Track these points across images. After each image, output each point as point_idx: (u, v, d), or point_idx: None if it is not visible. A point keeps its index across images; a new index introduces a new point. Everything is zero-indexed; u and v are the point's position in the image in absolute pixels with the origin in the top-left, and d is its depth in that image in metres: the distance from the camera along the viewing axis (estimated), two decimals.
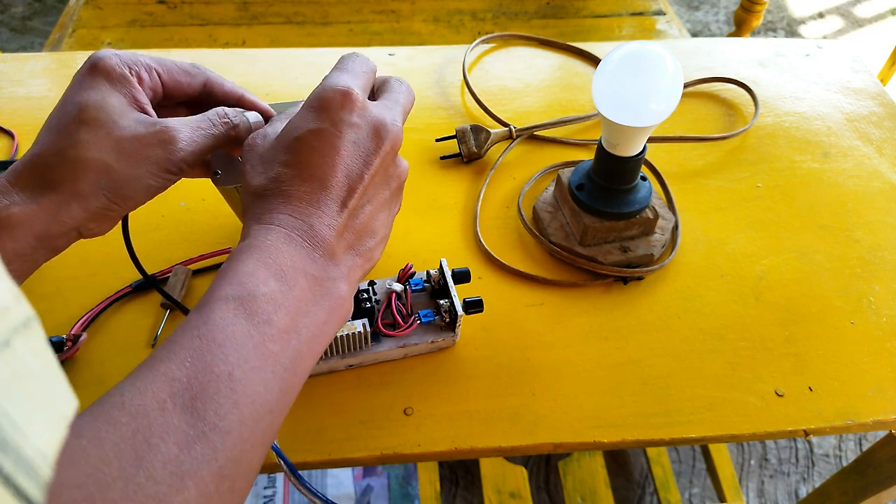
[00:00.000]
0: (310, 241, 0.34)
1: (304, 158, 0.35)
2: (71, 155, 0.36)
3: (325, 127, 0.35)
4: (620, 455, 1.21)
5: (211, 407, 0.27)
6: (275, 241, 0.33)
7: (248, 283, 0.31)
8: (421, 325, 0.48)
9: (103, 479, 0.24)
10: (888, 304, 0.55)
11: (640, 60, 0.50)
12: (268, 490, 1.04)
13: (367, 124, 0.36)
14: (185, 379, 0.27)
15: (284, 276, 0.32)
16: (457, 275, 0.49)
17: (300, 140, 0.35)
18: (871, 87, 0.75)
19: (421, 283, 0.50)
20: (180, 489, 0.25)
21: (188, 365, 0.28)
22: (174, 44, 1.23)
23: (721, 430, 0.47)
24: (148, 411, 0.26)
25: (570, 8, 1.35)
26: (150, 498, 0.24)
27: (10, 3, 2.15)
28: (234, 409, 0.28)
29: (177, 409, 0.26)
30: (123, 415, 0.26)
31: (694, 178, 0.64)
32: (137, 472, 0.24)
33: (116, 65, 0.39)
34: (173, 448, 0.25)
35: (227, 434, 0.27)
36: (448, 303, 0.48)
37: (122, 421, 0.25)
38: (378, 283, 0.50)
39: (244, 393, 0.28)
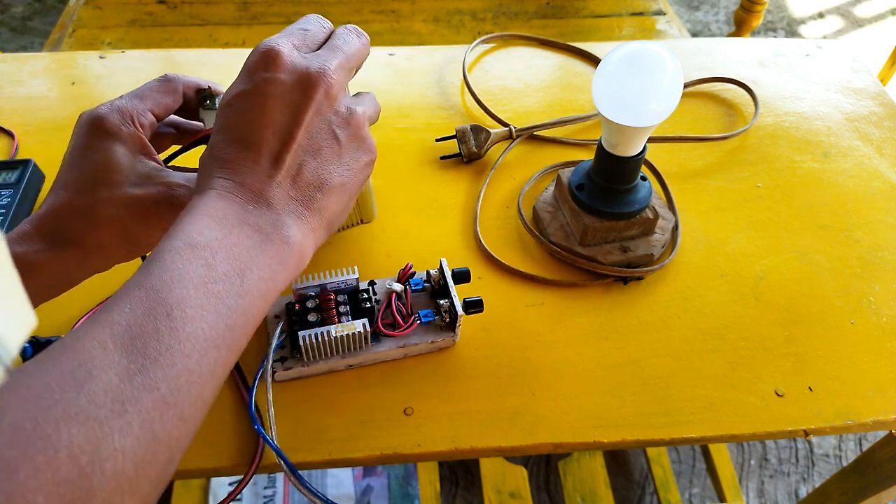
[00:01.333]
0: (242, 195, 0.34)
1: (231, 122, 0.36)
2: (92, 212, 0.38)
3: (247, 88, 0.36)
4: (620, 455, 1.21)
5: (151, 344, 0.28)
6: (208, 201, 0.34)
7: (185, 236, 0.32)
8: (421, 325, 0.48)
9: (45, 402, 0.24)
10: (888, 304, 0.55)
11: (640, 60, 0.50)
12: (268, 490, 1.04)
13: (293, 78, 0.36)
14: (125, 323, 0.28)
15: (221, 227, 0.33)
16: (457, 275, 0.49)
17: (228, 106, 0.36)
18: (871, 87, 0.75)
19: (421, 283, 0.50)
20: (121, 413, 0.26)
21: (128, 311, 0.28)
22: (174, 44, 1.23)
23: (721, 430, 0.47)
24: (88, 349, 0.27)
25: (570, 8, 1.35)
26: (92, 419, 0.25)
27: (10, 3, 2.15)
28: (176, 344, 0.28)
29: (117, 347, 0.27)
30: (64, 353, 0.26)
31: (694, 178, 0.64)
32: (79, 396, 0.25)
33: (119, 123, 0.41)
34: (114, 378, 0.26)
35: (170, 367, 0.28)
36: (448, 303, 0.48)
37: (62, 358, 0.26)
38: (378, 282, 0.50)
39: (185, 330, 0.29)
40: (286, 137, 0.35)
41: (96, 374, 0.26)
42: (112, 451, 0.25)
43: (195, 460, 0.45)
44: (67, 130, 0.66)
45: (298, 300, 0.48)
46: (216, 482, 1.02)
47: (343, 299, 0.48)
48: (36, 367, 0.26)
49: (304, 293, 0.48)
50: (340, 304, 0.48)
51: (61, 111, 0.68)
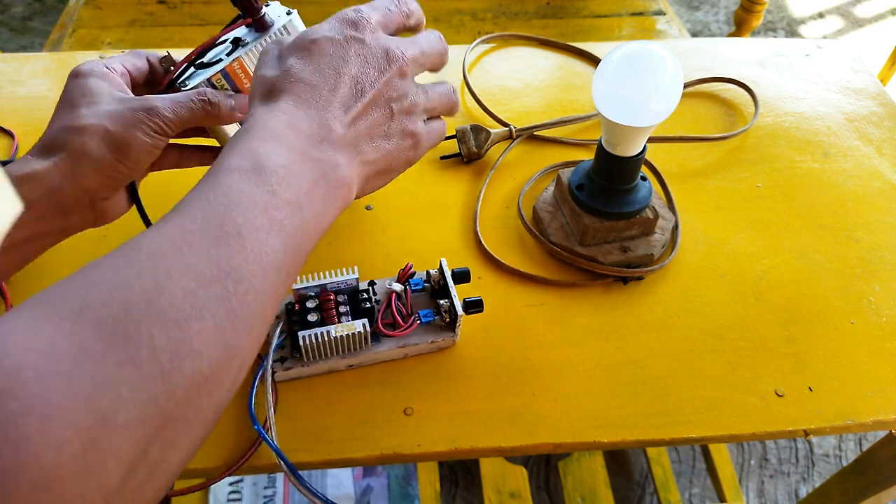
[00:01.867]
0: (309, 127, 0.36)
1: (316, 58, 0.38)
2: (74, 125, 0.42)
3: (336, 37, 0.39)
4: (620, 455, 1.21)
5: (224, 255, 0.29)
6: (278, 123, 0.36)
7: (253, 157, 0.34)
8: (421, 325, 0.48)
9: (127, 300, 0.25)
10: (888, 304, 0.55)
11: (640, 60, 0.50)
12: (268, 490, 1.04)
13: (376, 47, 0.39)
14: (197, 231, 0.29)
15: (288, 154, 0.35)
16: (457, 275, 0.49)
17: (315, 42, 0.39)
18: (871, 87, 0.75)
19: (421, 284, 0.50)
20: (199, 318, 0.27)
21: (200, 221, 0.30)
22: (174, 44, 1.23)
23: (721, 430, 0.47)
24: (167, 252, 0.28)
25: (570, 8, 1.35)
26: (172, 322, 0.26)
27: (10, 3, 2.15)
28: (245, 262, 0.30)
29: (193, 252, 0.28)
30: (142, 254, 0.28)
31: (694, 178, 0.64)
32: (159, 297, 0.26)
33: (93, 66, 0.46)
34: (192, 283, 0.27)
35: (239, 282, 0.29)
36: (448, 303, 0.48)
37: (140, 258, 0.28)
38: (378, 283, 0.50)
39: (252, 250, 0.30)
40: (359, 92, 0.38)
41: (175, 276, 0.27)
42: (190, 351, 0.26)
43: (195, 460, 0.45)
44: None
45: (298, 300, 0.48)
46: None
47: (343, 299, 0.48)
48: (112, 264, 0.27)
49: (303, 293, 0.48)
50: (340, 304, 0.48)
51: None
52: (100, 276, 0.27)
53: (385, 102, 0.39)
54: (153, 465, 0.25)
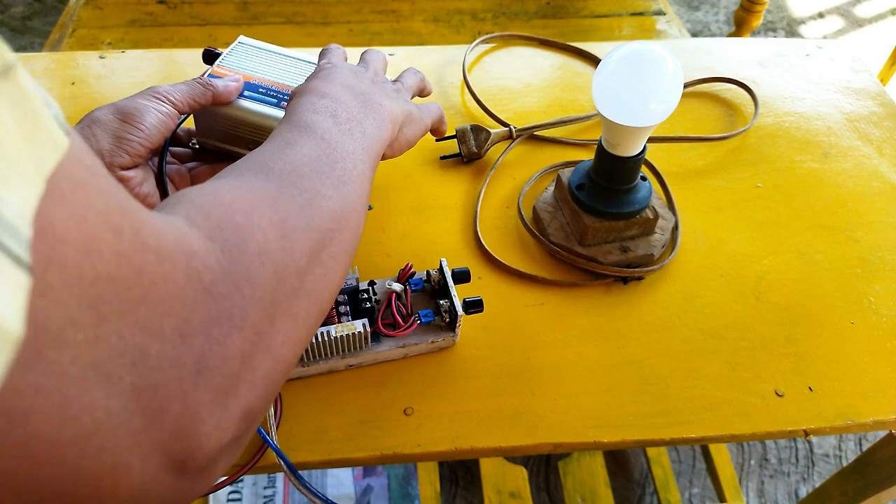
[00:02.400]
0: (344, 78, 0.47)
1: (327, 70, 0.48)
2: (88, 119, 0.48)
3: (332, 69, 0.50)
4: (620, 455, 1.21)
5: (320, 145, 0.39)
6: (311, 82, 0.46)
7: (311, 90, 0.45)
8: (421, 325, 0.48)
9: (284, 166, 0.36)
10: (888, 304, 0.55)
11: (640, 60, 0.50)
12: (268, 490, 1.04)
13: (368, 71, 0.51)
14: (299, 135, 0.40)
15: (331, 87, 0.45)
16: (457, 275, 0.49)
17: (321, 68, 0.50)
18: (871, 87, 0.75)
19: (421, 284, 0.50)
20: (327, 173, 0.37)
21: (296, 131, 0.40)
22: (174, 44, 1.23)
23: (721, 430, 0.47)
24: (287, 136, 0.40)
25: (570, 8, 1.34)
26: (310, 171, 0.37)
27: (10, 3, 2.15)
28: (334, 151, 0.39)
29: (306, 145, 0.39)
30: (281, 143, 0.39)
31: (694, 178, 0.64)
32: (297, 155, 0.38)
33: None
34: (315, 151, 0.39)
35: (339, 161, 0.39)
36: (448, 303, 0.48)
37: (281, 146, 0.39)
38: (378, 283, 0.50)
39: (338, 143, 0.40)
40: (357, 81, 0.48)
41: (304, 144, 0.39)
42: (324, 195, 0.36)
43: None
44: None
45: None
46: None
47: (343, 299, 0.48)
48: (270, 151, 0.38)
49: None
50: (340, 304, 0.48)
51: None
52: (265, 156, 0.37)
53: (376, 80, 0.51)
54: (324, 268, 0.34)
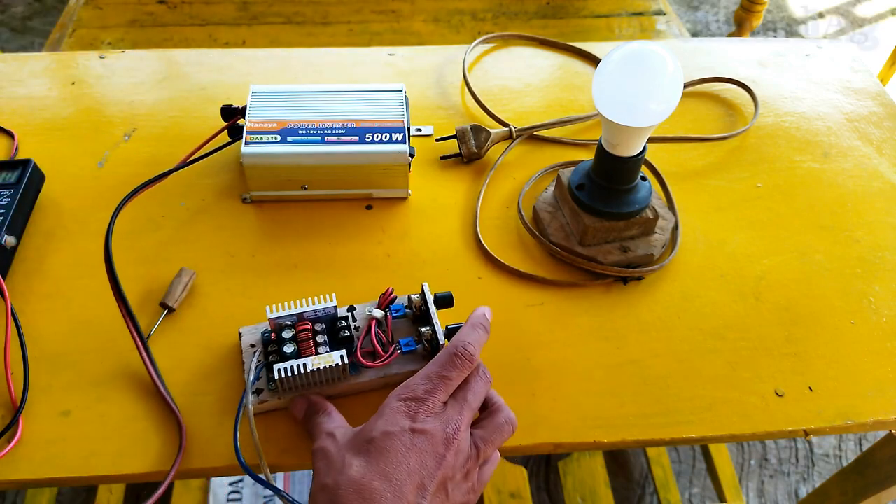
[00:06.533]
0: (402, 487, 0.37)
1: (375, 458, 0.39)
2: None
3: (394, 431, 0.39)
4: (620, 455, 1.21)
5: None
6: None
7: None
8: (402, 354, 0.46)
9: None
10: (888, 304, 0.54)
11: (640, 60, 0.50)
12: (268, 490, 1.04)
13: (435, 432, 0.40)
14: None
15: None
16: (439, 300, 0.48)
17: (373, 442, 0.39)
18: (871, 87, 0.75)
19: (402, 310, 0.48)
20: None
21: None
22: (174, 44, 1.23)
23: (721, 430, 0.47)
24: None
25: (570, 8, 1.34)
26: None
27: (10, 3, 2.15)
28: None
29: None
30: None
31: (694, 178, 0.64)
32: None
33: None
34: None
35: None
36: (430, 330, 0.46)
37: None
38: (358, 308, 0.49)
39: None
40: (422, 490, 0.39)
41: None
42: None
43: (196, 460, 0.45)
44: (67, 130, 0.66)
45: (275, 330, 0.46)
46: (216, 482, 1.02)
47: (321, 328, 0.46)
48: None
49: (280, 323, 0.46)
50: (318, 333, 0.46)
51: (61, 111, 0.68)
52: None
53: (442, 488, 0.40)
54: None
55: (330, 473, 0.39)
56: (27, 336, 0.50)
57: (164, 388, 0.47)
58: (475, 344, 0.43)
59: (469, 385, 0.43)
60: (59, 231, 0.57)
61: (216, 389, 0.48)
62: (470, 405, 0.42)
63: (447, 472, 0.40)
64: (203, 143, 0.60)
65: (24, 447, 0.44)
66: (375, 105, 0.60)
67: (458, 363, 0.42)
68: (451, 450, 0.40)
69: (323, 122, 0.59)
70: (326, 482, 0.39)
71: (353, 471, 0.38)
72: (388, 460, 0.38)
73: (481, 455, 0.42)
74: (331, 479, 0.39)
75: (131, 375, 0.48)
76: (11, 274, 0.54)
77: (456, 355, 0.42)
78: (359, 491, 0.37)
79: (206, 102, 0.70)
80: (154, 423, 0.46)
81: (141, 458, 0.45)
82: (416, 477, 0.38)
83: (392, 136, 0.58)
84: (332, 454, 0.41)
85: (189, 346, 0.50)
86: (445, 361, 0.42)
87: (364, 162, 0.57)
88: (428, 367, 0.42)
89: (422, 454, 0.39)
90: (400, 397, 0.41)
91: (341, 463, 0.39)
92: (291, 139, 0.57)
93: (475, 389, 0.43)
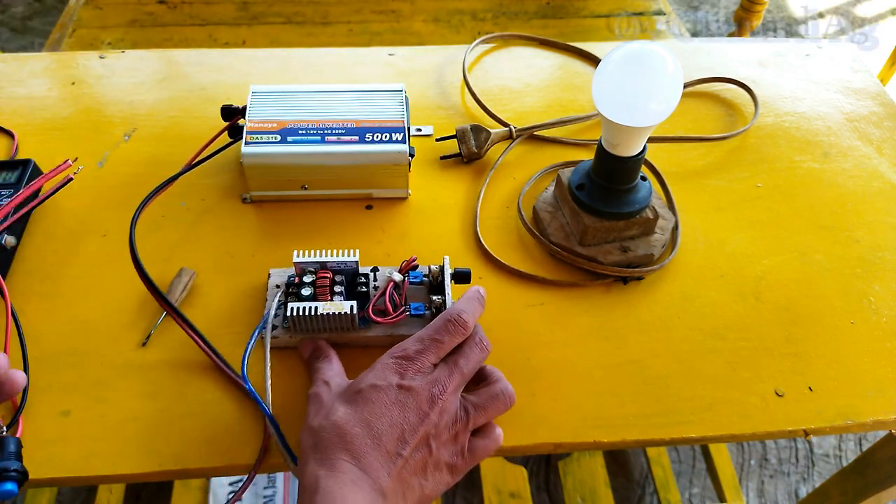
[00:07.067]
0: (368, 486, 0.39)
1: (361, 407, 0.41)
2: None
3: (381, 384, 0.42)
4: (620, 455, 1.21)
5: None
6: (346, 492, 0.38)
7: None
8: (410, 316, 0.49)
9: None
10: (888, 304, 0.54)
11: (640, 60, 0.50)
12: (268, 490, 1.04)
13: (417, 393, 0.41)
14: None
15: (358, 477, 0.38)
16: (458, 274, 0.50)
17: (361, 392, 0.42)
18: (871, 87, 0.75)
19: (420, 277, 0.50)
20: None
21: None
22: (174, 44, 1.23)
23: (721, 430, 0.47)
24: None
25: (570, 8, 1.34)
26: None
27: (10, 3, 2.15)
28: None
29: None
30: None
31: (694, 178, 0.64)
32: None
33: None
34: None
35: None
36: (440, 299, 0.48)
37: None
38: (381, 270, 0.51)
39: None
40: (402, 442, 0.40)
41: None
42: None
43: (195, 460, 0.45)
44: (67, 130, 0.66)
45: (299, 273, 0.49)
46: (216, 482, 1.02)
47: (340, 279, 0.49)
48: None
49: (304, 267, 0.49)
50: (337, 283, 0.49)
51: (61, 111, 0.68)
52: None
53: (424, 443, 0.41)
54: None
55: (317, 417, 0.42)
56: (27, 336, 0.50)
57: (239, 373, 0.47)
58: (470, 313, 0.45)
59: (463, 350, 0.44)
60: (59, 231, 0.57)
61: (216, 389, 0.48)
62: (461, 370, 0.44)
63: (429, 430, 0.41)
64: (206, 144, 0.60)
65: (24, 447, 0.44)
66: (375, 105, 0.60)
67: (451, 328, 0.44)
68: (434, 408, 0.41)
69: (323, 122, 0.59)
70: (312, 424, 0.42)
71: (338, 416, 0.41)
72: (371, 410, 0.41)
73: (471, 420, 0.43)
74: (317, 421, 0.41)
75: (131, 375, 0.48)
76: (11, 274, 0.54)
77: (450, 321, 0.44)
78: (340, 434, 0.40)
79: (206, 102, 0.70)
80: (154, 422, 0.46)
81: (141, 458, 0.45)
82: (398, 429, 0.40)
83: (392, 136, 0.58)
84: (324, 400, 0.43)
85: (189, 346, 0.50)
86: (440, 326, 0.44)
87: (364, 162, 0.57)
88: (423, 330, 0.44)
89: (405, 409, 0.41)
90: (392, 355, 0.43)
91: (329, 408, 0.42)
92: (291, 139, 0.57)
93: (468, 356, 0.44)
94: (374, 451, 0.39)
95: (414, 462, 0.40)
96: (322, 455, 0.40)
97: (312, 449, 0.40)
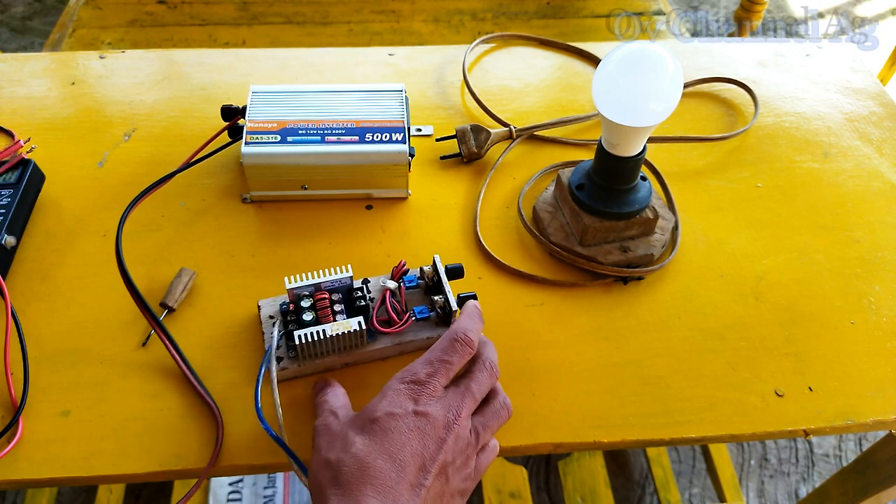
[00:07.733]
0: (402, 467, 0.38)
1: (379, 438, 0.39)
2: None
3: (398, 412, 0.40)
4: (620, 455, 1.21)
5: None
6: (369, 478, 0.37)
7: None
8: (416, 321, 0.48)
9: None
10: (888, 304, 0.54)
11: (640, 60, 0.50)
12: (268, 490, 1.04)
13: (433, 419, 0.40)
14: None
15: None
16: (450, 271, 0.50)
17: (377, 421, 0.40)
18: (871, 87, 0.75)
19: (415, 280, 0.50)
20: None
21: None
22: (174, 44, 1.23)
23: (721, 430, 0.47)
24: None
25: (570, 8, 1.34)
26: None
27: (10, 3, 2.15)
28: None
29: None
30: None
31: (694, 178, 0.64)
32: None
33: None
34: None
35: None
36: (442, 298, 0.48)
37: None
38: (372, 280, 0.51)
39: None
40: (424, 471, 0.39)
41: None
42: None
43: (194, 460, 0.45)
44: (67, 130, 0.66)
45: (293, 300, 0.48)
46: (216, 482, 1.02)
47: (338, 298, 0.48)
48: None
49: (298, 293, 0.48)
50: (335, 302, 0.48)
51: (61, 111, 0.68)
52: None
53: (442, 471, 0.40)
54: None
55: (333, 449, 0.40)
56: (27, 336, 0.50)
57: (199, 383, 0.47)
58: (473, 330, 0.44)
59: (474, 375, 0.43)
60: (59, 231, 0.57)
61: (217, 389, 0.48)
62: (472, 394, 0.42)
63: (447, 457, 0.40)
64: (205, 144, 0.60)
65: (24, 447, 0.45)
66: (375, 105, 0.60)
67: (458, 348, 0.43)
68: (451, 434, 0.40)
69: (323, 122, 0.59)
70: (329, 458, 0.39)
71: (357, 448, 0.39)
72: (391, 440, 0.39)
73: (480, 441, 0.42)
74: (334, 455, 0.39)
75: (131, 375, 0.48)
76: (11, 274, 0.54)
77: (456, 340, 0.43)
78: (362, 468, 0.38)
79: (206, 102, 0.70)
80: (154, 422, 0.46)
81: (141, 458, 0.45)
82: (419, 458, 0.39)
83: (392, 136, 0.58)
84: (335, 431, 0.41)
85: (189, 347, 0.50)
86: (446, 346, 0.43)
87: (364, 162, 0.57)
88: (429, 352, 0.43)
89: (424, 437, 0.39)
90: (402, 380, 0.42)
91: (344, 440, 0.40)
92: (291, 139, 0.57)
93: (479, 380, 0.43)
94: (399, 485, 0.38)
95: (434, 491, 0.39)
96: (344, 490, 0.37)
97: (332, 483, 0.38)
